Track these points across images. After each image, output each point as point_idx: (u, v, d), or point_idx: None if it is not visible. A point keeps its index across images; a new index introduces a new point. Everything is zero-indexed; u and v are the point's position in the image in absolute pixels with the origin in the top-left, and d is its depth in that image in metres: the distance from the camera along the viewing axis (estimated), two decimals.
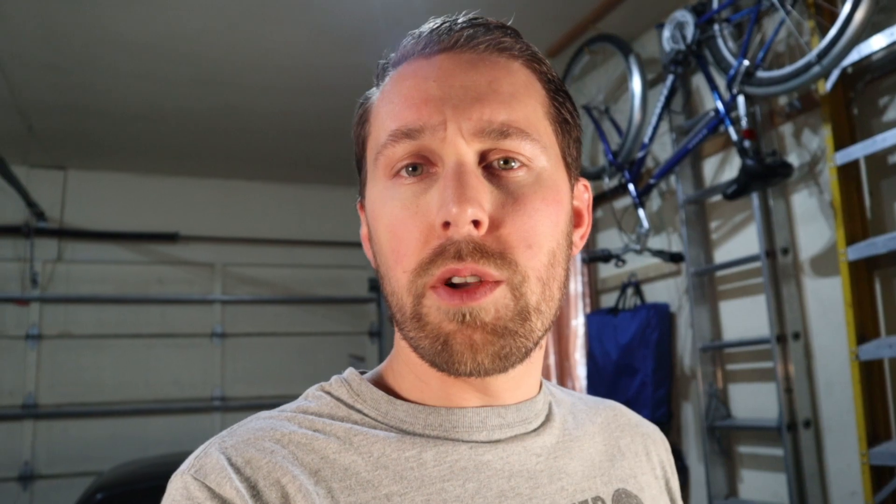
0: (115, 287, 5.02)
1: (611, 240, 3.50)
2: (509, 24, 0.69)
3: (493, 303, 0.59)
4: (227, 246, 5.34)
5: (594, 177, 3.40)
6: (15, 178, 3.92)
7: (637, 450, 0.79)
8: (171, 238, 5.16)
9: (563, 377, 3.79)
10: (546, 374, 3.80)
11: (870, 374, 2.20)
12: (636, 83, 3.04)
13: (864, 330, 2.21)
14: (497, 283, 0.60)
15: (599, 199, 3.59)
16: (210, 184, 5.35)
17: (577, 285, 3.75)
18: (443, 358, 0.60)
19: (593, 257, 3.21)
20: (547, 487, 0.66)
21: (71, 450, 4.67)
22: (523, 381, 0.70)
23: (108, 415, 4.82)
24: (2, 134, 4.14)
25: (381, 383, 0.72)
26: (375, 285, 5.34)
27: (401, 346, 0.69)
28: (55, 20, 3.02)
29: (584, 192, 0.75)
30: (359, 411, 0.68)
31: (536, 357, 0.70)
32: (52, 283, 4.88)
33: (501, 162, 0.62)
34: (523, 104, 0.64)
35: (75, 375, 4.80)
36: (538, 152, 0.63)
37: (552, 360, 3.89)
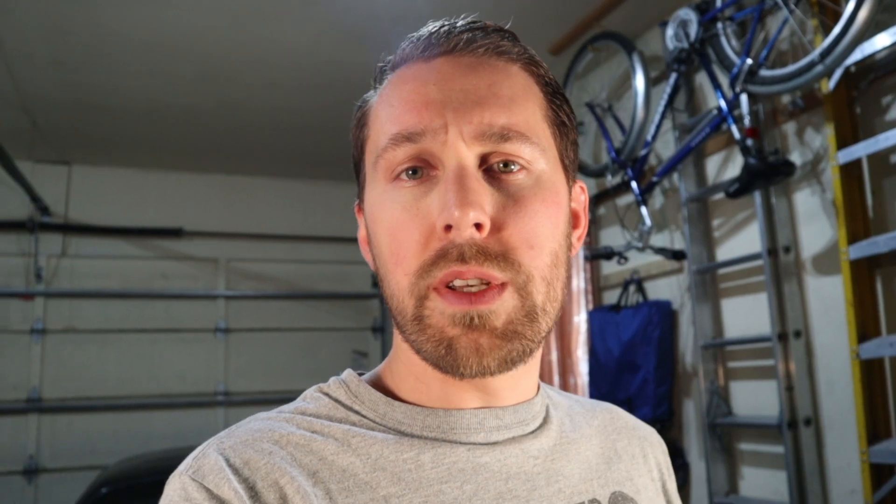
0: (119, 282, 5.03)
1: (613, 237, 3.50)
2: (507, 27, 0.70)
3: (502, 306, 0.60)
4: (232, 241, 5.35)
5: (597, 174, 3.40)
6: (20, 173, 3.92)
7: (634, 452, 0.79)
8: (175, 233, 5.17)
9: (566, 373, 3.79)
10: (548, 371, 3.82)
11: (870, 372, 2.20)
12: (639, 81, 3.05)
13: (865, 328, 2.21)
14: (503, 285, 0.60)
15: (602, 197, 3.60)
16: (214, 179, 5.37)
17: (579, 282, 3.76)
18: (447, 361, 0.60)
19: (596, 254, 3.21)
20: (544, 490, 0.66)
21: (75, 444, 4.69)
22: (523, 380, 0.70)
23: (111, 409, 4.84)
24: (7, 129, 4.16)
25: (379, 384, 0.72)
26: None
27: (400, 348, 0.69)
28: (60, 17, 3.03)
29: (581, 194, 0.75)
30: (357, 412, 0.68)
31: (536, 356, 0.70)
32: (57, 278, 4.89)
33: (501, 165, 0.62)
34: (523, 107, 0.64)
35: (79, 370, 4.82)
36: (538, 155, 0.64)
37: (554, 356, 3.90)
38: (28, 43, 3.23)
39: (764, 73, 2.42)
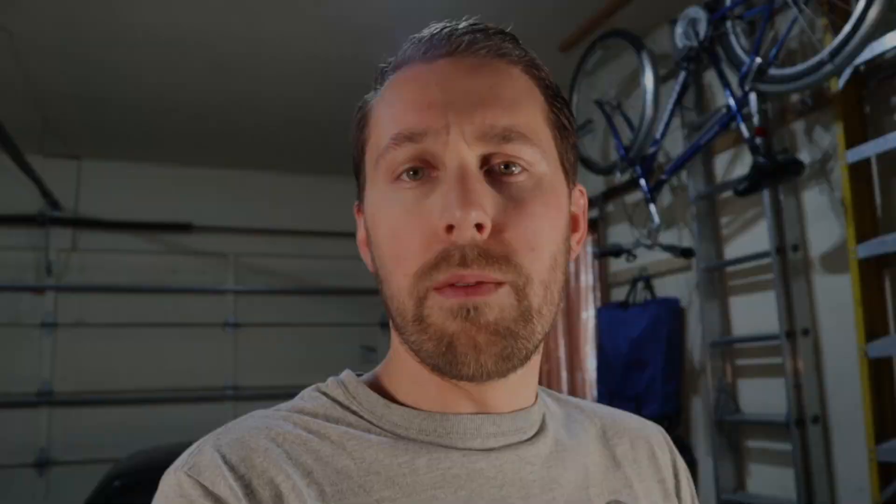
0: (129, 276, 5.06)
1: (622, 234, 3.50)
2: (513, 26, 0.69)
3: (497, 301, 0.59)
4: (241, 236, 5.37)
5: (606, 172, 3.40)
6: (30, 167, 3.95)
7: (636, 456, 0.78)
8: (184, 228, 5.20)
9: (573, 369, 3.81)
10: (556, 367, 3.83)
11: (878, 371, 2.20)
12: (648, 79, 3.04)
13: (874, 327, 2.20)
14: (500, 283, 0.59)
15: (611, 194, 3.60)
16: (224, 174, 5.38)
17: (587, 278, 3.77)
18: (447, 359, 0.60)
19: (604, 252, 3.22)
20: (538, 497, 0.65)
21: (85, 437, 4.73)
22: (520, 388, 0.69)
23: (121, 403, 4.88)
24: (17, 124, 4.16)
25: (377, 386, 0.71)
26: None
27: (397, 350, 0.69)
28: (70, 12, 3.05)
29: (581, 198, 0.75)
30: (354, 413, 0.68)
31: (534, 363, 0.69)
32: (67, 272, 4.93)
33: (503, 166, 0.62)
34: (524, 110, 0.64)
35: (90, 364, 4.86)
36: (539, 157, 0.63)
37: (562, 352, 3.91)
38: (38, 37, 3.25)
39: (773, 71, 2.41)
